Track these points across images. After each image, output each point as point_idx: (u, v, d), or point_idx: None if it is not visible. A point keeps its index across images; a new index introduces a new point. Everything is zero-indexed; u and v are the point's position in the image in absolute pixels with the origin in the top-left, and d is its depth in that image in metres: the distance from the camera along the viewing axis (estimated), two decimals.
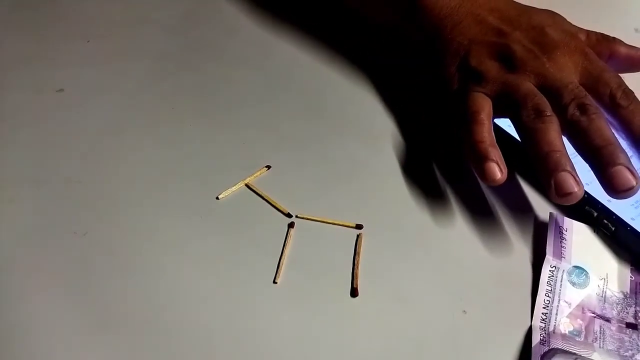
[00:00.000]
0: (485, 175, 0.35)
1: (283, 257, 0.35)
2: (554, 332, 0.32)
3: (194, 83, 0.46)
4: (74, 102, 0.44)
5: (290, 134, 0.42)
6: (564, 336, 0.32)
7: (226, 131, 0.42)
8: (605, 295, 0.34)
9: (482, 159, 0.35)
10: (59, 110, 0.43)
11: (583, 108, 0.34)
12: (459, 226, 0.37)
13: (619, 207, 0.36)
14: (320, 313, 0.33)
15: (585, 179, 0.34)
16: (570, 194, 0.32)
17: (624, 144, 0.35)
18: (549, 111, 0.35)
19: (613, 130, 0.35)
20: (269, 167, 0.40)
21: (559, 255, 0.35)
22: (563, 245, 0.35)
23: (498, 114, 0.38)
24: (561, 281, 0.34)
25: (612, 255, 0.35)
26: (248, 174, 0.39)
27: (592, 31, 0.41)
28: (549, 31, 0.39)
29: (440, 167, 0.41)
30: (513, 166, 0.40)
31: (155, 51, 0.48)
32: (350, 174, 0.40)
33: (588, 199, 0.36)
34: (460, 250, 0.36)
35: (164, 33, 0.50)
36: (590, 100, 0.35)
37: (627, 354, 0.31)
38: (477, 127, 0.36)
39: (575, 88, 0.36)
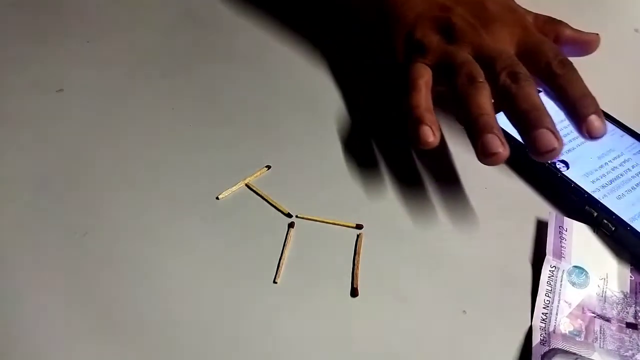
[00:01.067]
0: (419, 138, 0.35)
1: (283, 257, 0.35)
2: (554, 332, 0.32)
3: (194, 83, 0.46)
4: (74, 102, 0.44)
5: (290, 134, 0.42)
6: (564, 336, 0.32)
7: (226, 131, 0.42)
8: (605, 295, 0.34)
9: (416, 122, 0.36)
10: (59, 110, 0.43)
11: (514, 76, 0.35)
12: (459, 226, 0.37)
13: (619, 207, 0.36)
14: (320, 313, 0.33)
15: (589, 182, 0.34)
16: (495, 154, 0.33)
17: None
18: (481, 78, 0.36)
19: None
20: (269, 167, 0.40)
21: (559, 255, 0.35)
22: (563, 245, 0.35)
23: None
24: (561, 281, 0.34)
25: (612, 255, 0.35)
26: (248, 174, 0.39)
27: (539, 14, 0.42)
28: (488, 5, 0.40)
29: (440, 167, 0.41)
30: (514, 166, 0.41)
31: (155, 51, 0.48)
32: (350, 174, 0.40)
33: (588, 199, 0.36)
34: (460, 250, 0.36)
35: (163, 33, 0.50)
36: (521, 68, 0.36)
37: (627, 353, 0.31)
38: (413, 93, 0.37)
39: (508, 58, 0.37)
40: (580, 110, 0.34)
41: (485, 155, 0.34)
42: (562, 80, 0.36)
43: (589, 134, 0.34)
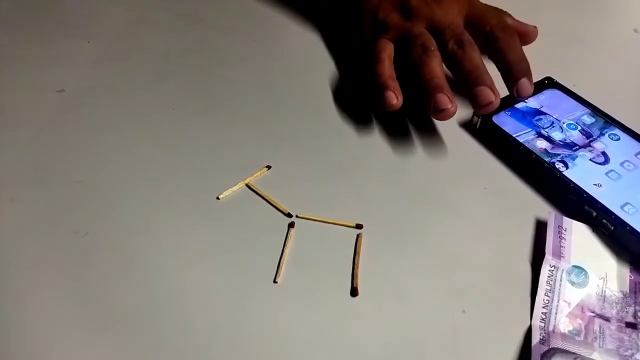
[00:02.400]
0: (384, 102, 0.40)
1: (283, 256, 0.35)
2: (553, 332, 0.32)
3: (194, 83, 0.46)
4: (74, 102, 0.44)
5: (290, 134, 0.42)
6: (563, 335, 0.32)
7: (226, 131, 0.42)
8: (604, 295, 0.34)
9: (381, 88, 0.41)
10: (59, 110, 0.43)
11: (460, 43, 0.41)
12: (459, 226, 0.37)
13: (617, 206, 0.36)
14: (320, 313, 0.33)
15: (593, 180, 0.35)
16: (444, 109, 0.39)
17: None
18: (432, 47, 0.41)
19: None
20: (269, 167, 0.40)
21: (558, 254, 0.35)
22: (562, 244, 0.35)
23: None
24: (560, 281, 0.34)
25: (612, 255, 0.36)
26: (248, 174, 0.39)
27: (485, 3, 0.47)
28: None
29: (440, 167, 0.41)
30: (513, 167, 0.41)
31: (155, 51, 0.48)
32: (350, 173, 0.40)
33: (587, 198, 0.36)
34: (460, 250, 0.36)
35: (164, 33, 0.50)
36: (466, 36, 0.42)
37: (626, 353, 0.31)
38: (378, 65, 0.43)
39: (456, 27, 0.42)
40: (514, 73, 0.41)
41: (436, 111, 0.39)
42: (501, 44, 0.41)
43: (518, 94, 0.41)
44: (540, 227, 0.37)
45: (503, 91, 0.41)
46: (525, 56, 0.41)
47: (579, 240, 0.36)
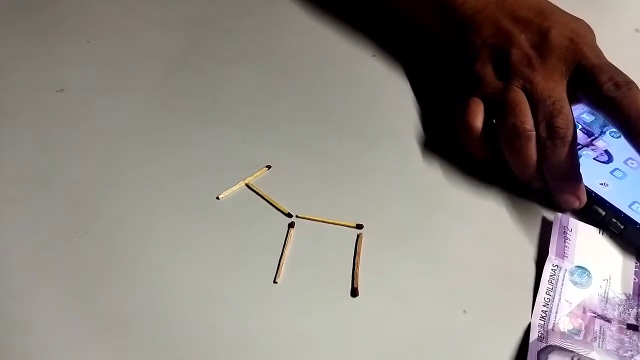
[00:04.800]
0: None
1: (283, 257, 0.35)
2: (552, 330, 0.32)
3: (194, 83, 0.46)
4: (74, 102, 0.44)
5: (290, 134, 0.42)
6: (562, 334, 0.32)
7: (226, 131, 0.42)
8: (607, 296, 0.34)
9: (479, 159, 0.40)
10: (59, 110, 0.43)
11: (551, 131, 0.36)
12: (459, 226, 0.37)
13: (625, 205, 0.36)
14: (320, 313, 0.33)
15: (599, 179, 0.36)
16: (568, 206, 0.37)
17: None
18: (529, 127, 0.37)
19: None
20: (269, 167, 0.40)
21: (561, 254, 0.35)
22: (567, 245, 0.35)
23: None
24: (563, 280, 0.34)
25: (616, 257, 0.36)
26: (248, 174, 0.39)
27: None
28: (552, 35, 0.39)
29: (440, 167, 0.41)
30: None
31: (155, 51, 0.48)
32: (350, 174, 0.40)
33: (596, 198, 0.37)
34: (461, 250, 0.36)
35: (164, 33, 0.50)
36: (560, 121, 0.36)
37: (626, 354, 0.31)
38: (469, 135, 0.40)
39: (552, 104, 0.37)
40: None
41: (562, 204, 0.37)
42: (616, 102, 0.35)
43: None
44: (546, 228, 0.37)
45: None
46: None
47: (584, 242, 0.36)
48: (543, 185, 0.38)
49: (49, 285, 0.33)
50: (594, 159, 0.39)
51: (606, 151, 0.40)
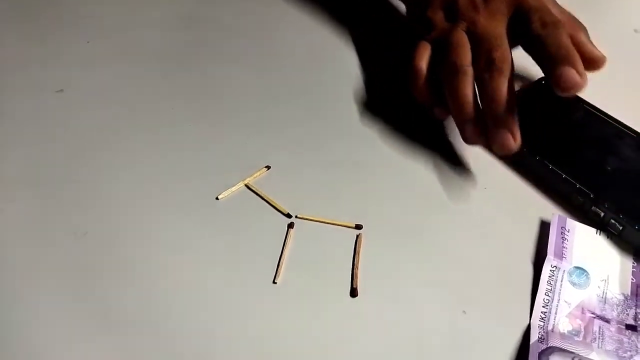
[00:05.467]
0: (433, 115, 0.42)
1: (283, 257, 0.35)
2: (552, 331, 0.32)
3: (194, 83, 0.46)
4: (74, 102, 0.44)
5: (290, 134, 0.42)
6: (562, 335, 0.32)
7: (226, 131, 0.42)
8: (605, 297, 0.34)
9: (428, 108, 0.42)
10: (59, 110, 0.43)
11: (489, 64, 0.38)
12: (459, 226, 0.37)
13: (626, 206, 0.36)
14: (320, 313, 0.33)
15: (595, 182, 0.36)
16: (467, 138, 0.38)
17: None
18: (466, 64, 0.39)
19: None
20: (269, 167, 0.40)
21: (560, 255, 0.35)
22: (565, 246, 0.35)
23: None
24: (561, 281, 0.34)
25: (614, 257, 0.36)
26: (248, 174, 0.39)
27: (565, 10, 0.42)
28: None
29: (440, 167, 0.41)
30: (516, 168, 0.41)
31: (155, 51, 0.48)
32: (350, 174, 0.40)
33: (594, 199, 0.37)
34: (460, 250, 0.36)
35: (164, 33, 0.50)
36: (497, 54, 0.38)
37: (625, 355, 0.31)
38: (414, 80, 0.42)
39: (490, 40, 0.39)
40: (555, 60, 0.36)
41: (467, 143, 0.39)
42: (541, 39, 0.37)
43: (559, 87, 0.36)
44: (544, 229, 0.37)
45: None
46: (571, 47, 0.36)
47: (582, 242, 0.36)
48: (479, 131, 0.37)
49: (48, 285, 0.33)
50: (592, 159, 0.39)
51: None
